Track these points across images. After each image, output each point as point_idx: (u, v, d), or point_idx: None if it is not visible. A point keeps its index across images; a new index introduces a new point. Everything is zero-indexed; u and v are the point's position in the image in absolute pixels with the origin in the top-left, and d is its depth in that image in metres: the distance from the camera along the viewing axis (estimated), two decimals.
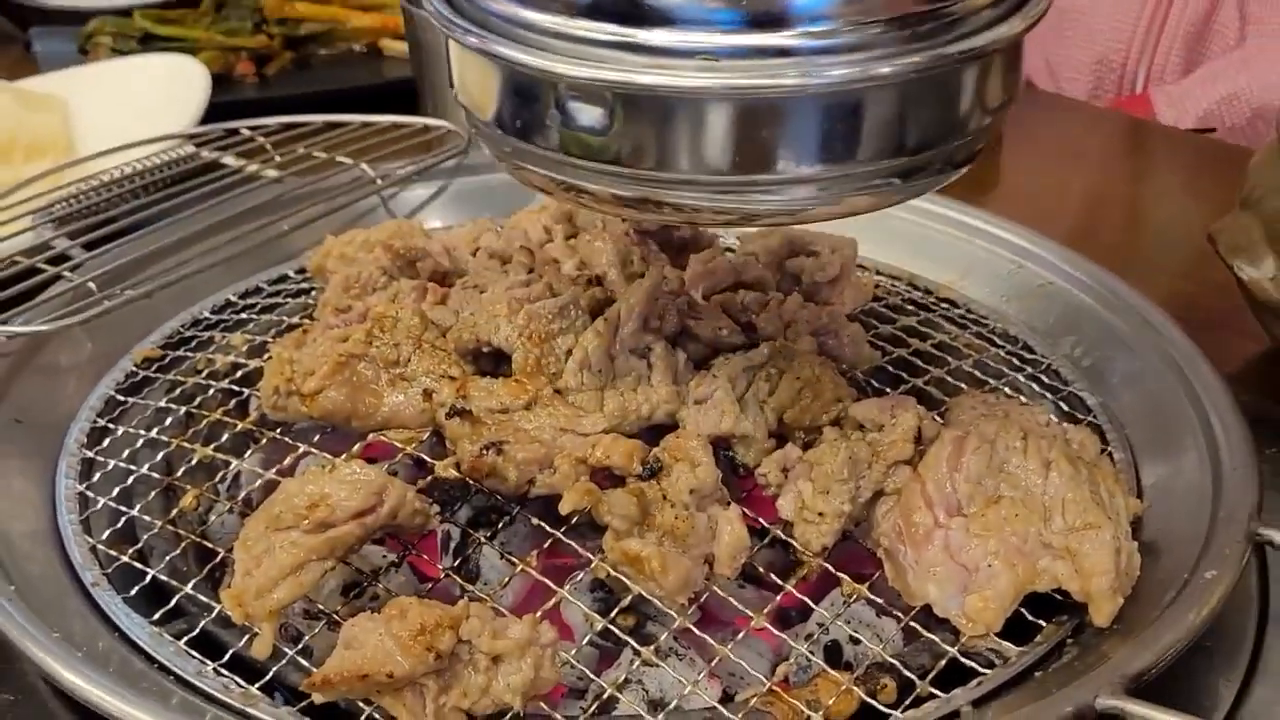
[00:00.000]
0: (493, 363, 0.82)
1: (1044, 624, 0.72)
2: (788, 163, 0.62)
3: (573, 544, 0.73)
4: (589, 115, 0.62)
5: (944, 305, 1.03)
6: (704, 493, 0.71)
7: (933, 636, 0.71)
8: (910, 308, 1.02)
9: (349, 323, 0.83)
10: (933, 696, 0.68)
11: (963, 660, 0.70)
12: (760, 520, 0.75)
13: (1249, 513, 0.75)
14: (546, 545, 0.73)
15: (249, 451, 0.82)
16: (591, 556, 0.73)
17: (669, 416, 0.79)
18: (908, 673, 0.69)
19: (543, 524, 0.74)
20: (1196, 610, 0.69)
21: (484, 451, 0.74)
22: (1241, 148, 1.50)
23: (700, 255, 0.91)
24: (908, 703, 0.68)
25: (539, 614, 0.68)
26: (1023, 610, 0.73)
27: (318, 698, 0.66)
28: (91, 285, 0.93)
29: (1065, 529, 0.71)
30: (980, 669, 0.70)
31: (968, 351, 0.95)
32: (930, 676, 0.69)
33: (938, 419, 0.80)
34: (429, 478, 0.76)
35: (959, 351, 0.95)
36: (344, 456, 0.77)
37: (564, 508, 0.71)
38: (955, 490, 0.73)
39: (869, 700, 0.68)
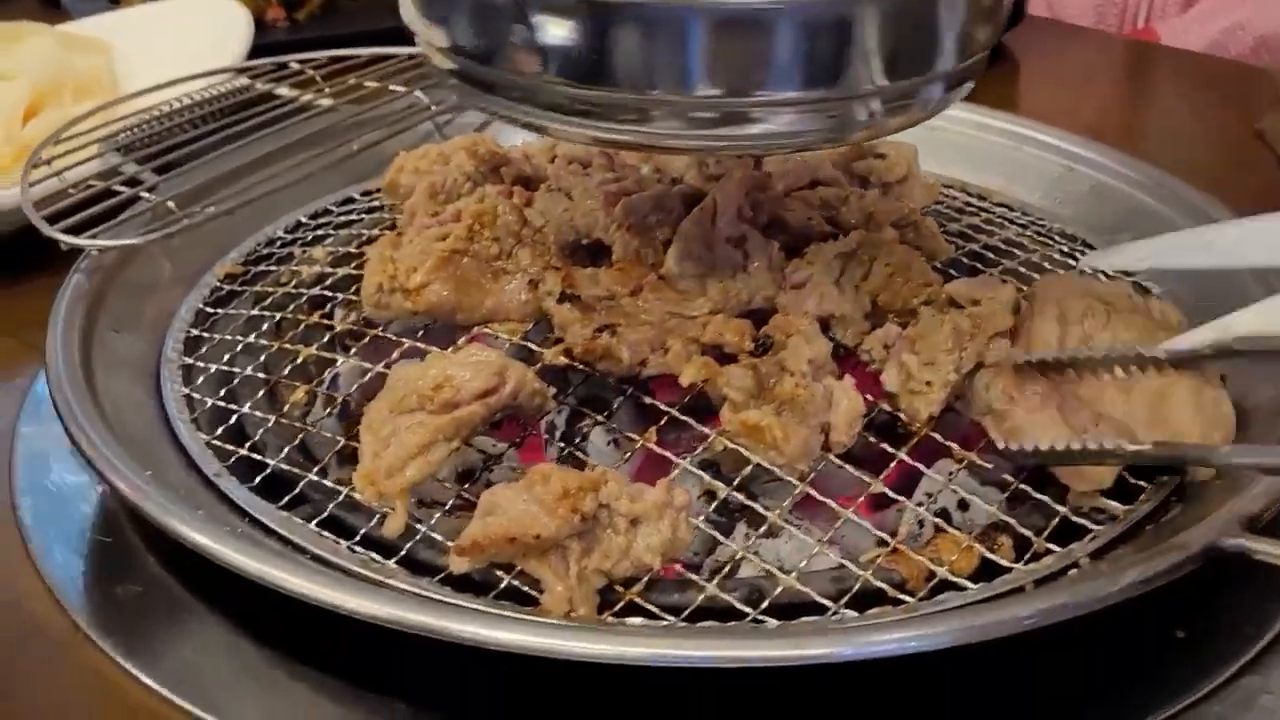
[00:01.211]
0: (589, 257, 0.84)
1: (1145, 485, 0.75)
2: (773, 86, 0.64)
3: (688, 419, 0.75)
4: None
5: (1000, 208, 1.05)
6: (819, 363, 0.73)
7: (1042, 497, 0.73)
8: (970, 209, 1.04)
9: (444, 223, 0.85)
10: (1049, 552, 0.71)
11: (1073, 519, 0.72)
12: (866, 396, 0.77)
13: None
14: (662, 423, 0.75)
15: (353, 350, 0.83)
16: (708, 431, 0.74)
17: (767, 302, 0.81)
18: (1023, 530, 0.72)
19: (656, 403, 0.76)
20: None
21: (597, 334, 0.75)
22: (1255, 66, 1.53)
23: (775, 157, 0.93)
24: (1026, 558, 0.70)
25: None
26: (1125, 474, 0.75)
27: (458, 567, 0.67)
28: (171, 204, 0.94)
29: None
30: (1091, 525, 0.72)
31: (1033, 247, 0.97)
32: (1045, 534, 0.71)
33: (1024, 300, 0.82)
34: (538, 366, 0.77)
35: (1024, 246, 0.97)
36: (451, 349, 0.79)
37: (684, 379, 0.73)
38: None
39: (989, 556, 0.70)
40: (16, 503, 0.80)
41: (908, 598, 0.68)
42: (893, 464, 0.74)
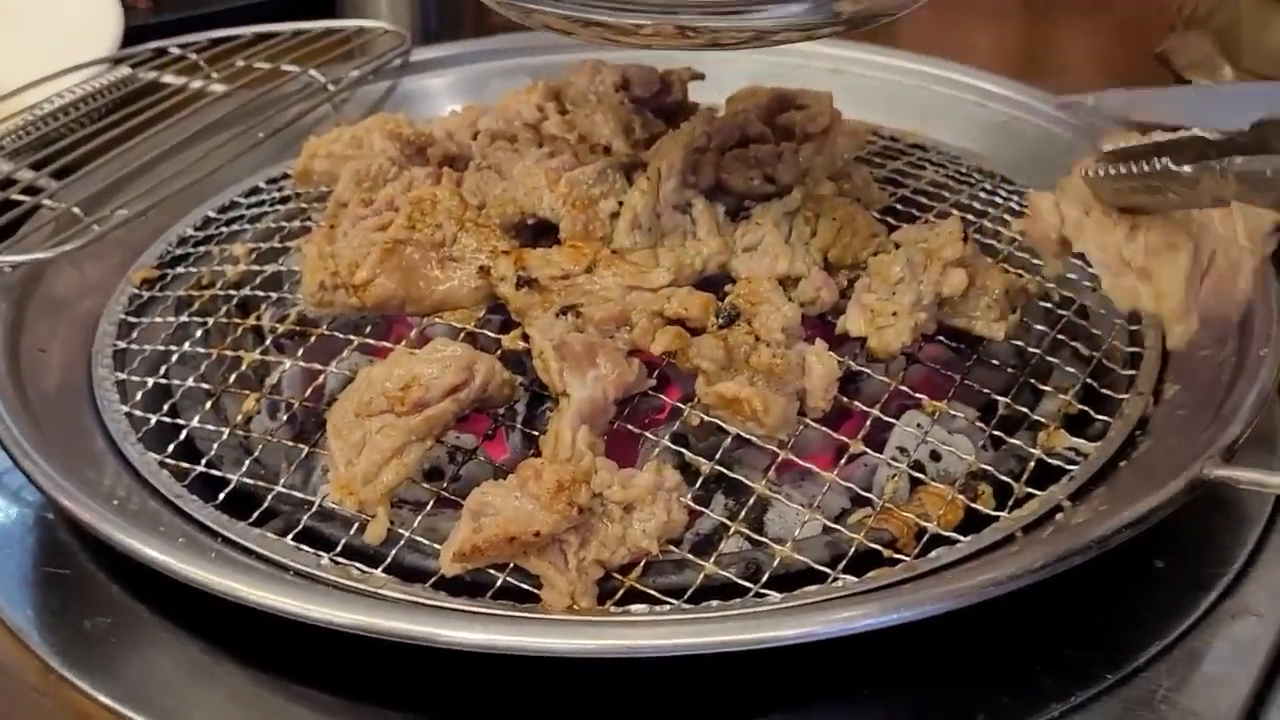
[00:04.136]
0: (532, 236, 0.82)
1: (1110, 419, 0.76)
2: None
3: (660, 396, 0.74)
4: None
5: (918, 150, 1.06)
6: (791, 330, 0.73)
7: (1016, 441, 0.74)
8: (891, 153, 1.04)
9: (378, 212, 0.82)
10: (1030, 497, 0.71)
11: (1049, 461, 0.73)
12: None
13: (1277, 295, 0.80)
14: (635, 400, 0.74)
15: (299, 351, 0.80)
16: (682, 406, 0.74)
17: (720, 268, 0.80)
18: (1002, 477, 0.72)
19: None
20: (1260, 384, 0.73)
21: (561, 315, 0.74)
22: None
23: (700, 115, 0.92)
24: (1009, 505, 0.71)
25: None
26: (1087, 408, 0.76)
27: (450, 570, 0.66)
28: (76, 211, 0.90)
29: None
30: (1067, 466, 0.73)
31: (958, 187, 0.98)
32: (1023, 478, 0.72)
33: None
34: (498, 353, 0.75)
35: (950, 188, 0.98)
36: (403, 342, 0.77)
37: (656, 349, 0.72)
38: None
39: (974, 506, 0.71)
40: None
41: (903, 556, 0.68)
42: (868, 421, 0.74)
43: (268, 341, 0.82)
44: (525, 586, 0.66)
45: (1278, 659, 0.67)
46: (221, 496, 0.73)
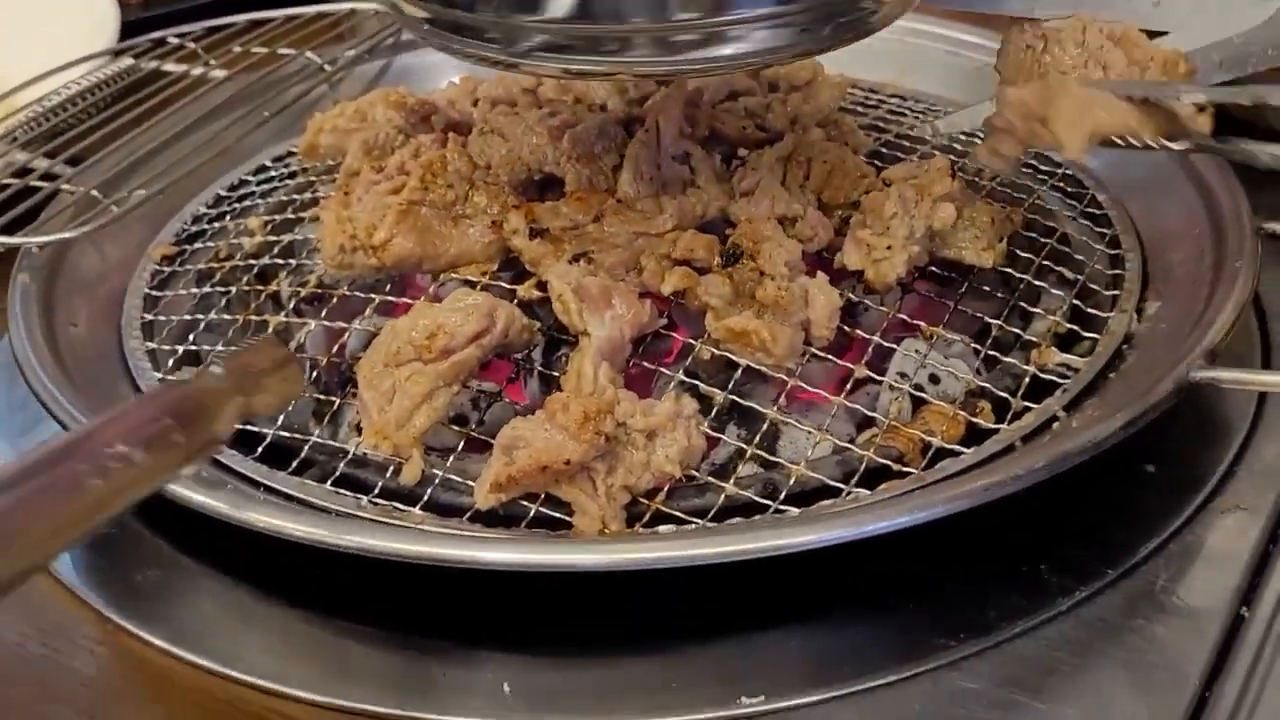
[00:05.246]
0: (539, 192, 0.86)
1: (1098, 336, 0.80)
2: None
3: (671, 334, 0.78)
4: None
5: (896, 99, 1.10)
6: (794, 264, 0.77)
7: (1010, 360, 0.78)
8: (872, 103, 1.08)
9: (390, 177, 0.85)
10: (1027, 410, 0.76)
11: (1042, 376, 0.77)
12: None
13: (1247, 211, 0.84)
14: (648, 340, 0.78)
15: (323, 312, 0.84)
16: (693, 342, 0.77)
17: (720, 212, 0.84)
18: (999, 393, 0.76)
19: None
20: (1238, 292, 0.77)
21: (574, 262, 0.78)
22: None
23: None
24: (1009, 419, 0.75)
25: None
26: (1074, 326, 0.81)
27: (485, 503, 0.69)
28: (95, 194, 0.93)
29: None
30: (1059, 380, 0.77)
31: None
32: (1020, 393, 0.76)
33: None
34: (515, 302, 0.79)
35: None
36: (422, 298, 0.80)
37: (665, 289, 0.76)
38: None
39: (975, 421, 0.75)
40: None
41: (910, 470, 0.72)
42: (869, 349, 0.78)
43: (289, 306, 0.86)
44: (557, 515, 0.70)
45: (1266, 548, 0.71)
46: (259, 450, 0.76)
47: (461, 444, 0.76)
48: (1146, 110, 0.71)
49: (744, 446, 0.74)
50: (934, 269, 0.84)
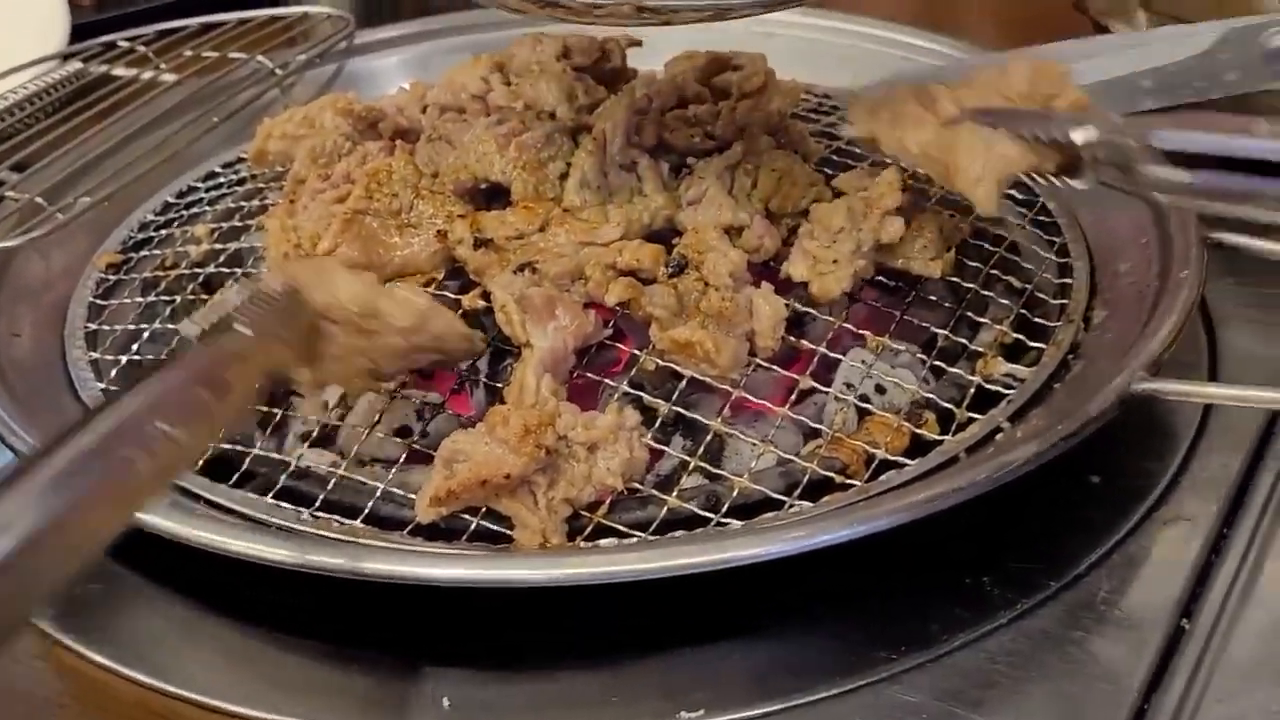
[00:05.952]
0: (485, 200, 0.85)
1: (1044, 346, 0.80)
2: None
3: (617, 345, 0.78)
4: None
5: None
6: (738, 275, 0.76)
7: (956, 371, 0.78)
8: (824, 109, 1.08)
9: (336, 185, 0.85)
10: (972, 421, 0.75)
11: (987, 387, 0.77)
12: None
13: (1195, 223, 0.84)
14: (592, 351, 0.77)
15: None
16: (637, 354, 0.77)
17: (667, 222, 0.83)
18: (944, 404, 0.76)
19: None
20: (1182, 302, 0.77)
21: (519, 272, 0.77)
22: None
23: (640, 79, 0.95)
24: (953, 430, 0.75)
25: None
26: (1021, 336, 0.81)
27: (426, 516, 0.69)
28: (40, 200, 0.92)
29: None
30: (1005, 391, 0.77)
31: None
32: (964, 404, 0.76)
33: None
34: (460, 312, 0.79)
35: None
36: None
37: (610, 300, 0.76)
38: None
39: (919, 432, 0.75)
40: None
41: (854, 482, 0.72)
42: (814, 359, 0.78)
43: None
44: (498, 529, 0.70)
45: (1208, 559, 0.71)
46: (200, 462, 0.75)
47: (404, 456, 0.75)
48: (1045, 148, 0.71)
49: (687, 459, 0.73)
50: (881, 278, 0.83)
